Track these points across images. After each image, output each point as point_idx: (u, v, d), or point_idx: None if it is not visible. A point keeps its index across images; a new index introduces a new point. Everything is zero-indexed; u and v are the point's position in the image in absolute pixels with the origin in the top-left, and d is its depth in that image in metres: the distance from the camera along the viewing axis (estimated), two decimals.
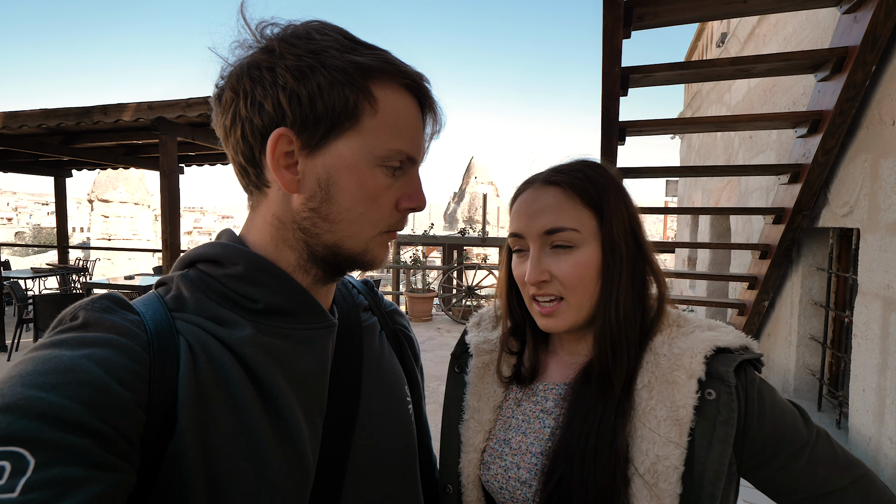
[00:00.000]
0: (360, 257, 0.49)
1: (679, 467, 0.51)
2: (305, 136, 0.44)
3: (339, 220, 0.47)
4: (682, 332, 0.59)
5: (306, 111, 0.43)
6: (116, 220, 22.03)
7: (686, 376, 0.54)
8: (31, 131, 4.34)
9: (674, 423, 0.53)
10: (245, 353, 0.44)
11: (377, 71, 0.45)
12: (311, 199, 0.46)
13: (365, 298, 0.65)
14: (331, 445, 0.49)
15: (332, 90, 0.43)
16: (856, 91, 1.86)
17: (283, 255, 0.49)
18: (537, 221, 0.60)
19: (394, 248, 8.04)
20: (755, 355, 0.56)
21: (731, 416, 0.52)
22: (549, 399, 0.65)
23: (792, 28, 2.79)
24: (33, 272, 7.34)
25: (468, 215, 28.63)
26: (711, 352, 0.54)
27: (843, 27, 1.89)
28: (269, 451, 0.43)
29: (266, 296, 0.47)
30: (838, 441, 0.58)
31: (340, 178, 0.45)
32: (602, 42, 1.85)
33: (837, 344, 2.31)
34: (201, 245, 0.50)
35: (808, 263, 2.44)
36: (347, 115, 0.44)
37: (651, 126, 2.23)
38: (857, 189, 1.94)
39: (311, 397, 0.48)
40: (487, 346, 0.71)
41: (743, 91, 3.72)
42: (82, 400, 0.34)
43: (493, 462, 0.63)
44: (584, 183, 0.61)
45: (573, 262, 0.59)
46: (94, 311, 0.40)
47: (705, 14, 1.92)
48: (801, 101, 2.53)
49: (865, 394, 1.82)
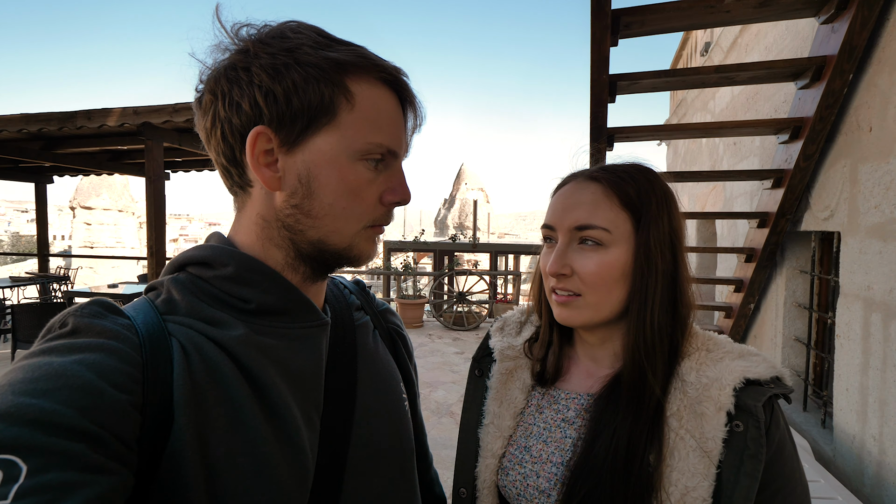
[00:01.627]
0: (345, 253, 0.49)
1: (707, 499, 0.50)
2: (283, 133, 0.45)
3: (322, 215, 0.47)
4: (712, 359, 0.57)
5: (283, 108, 0.44)
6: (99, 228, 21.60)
7: (715, 409, 0.52)
8: (11, 136, 4.24)
9: (702, 455, 0.51)
10: (239, 352, 0.44)
11: (352, 66, 0.45)
12: (292, 196, 0.46)
13: (357, 298, 0.65)
14: (329, 441, 0.49)
15: (307, 86, 0.44)
16: (834, 98, 1.92)
17: (270, 255, 0.49)
18: (570, 215, 0.60)
19: (384, 255, 8.02)
20: (786, 390, 0.54)
21: (759, 452, 0.50)
22: (570, 409, 0.63)
23: (773, 38, 2.87)
24: (11, 281, 7.15)
25: (459, 221, 28.69)
26: (741, 384, 0.53)
27: (822, 37, 1.96)
28: (268, 449, 0.42)
29: (258, 295, 0.47)
30: (824, 441, 0.59)
31: (320, 173, 0.46)
32: (590, 50, 1.88)
33: (821, 345, 2.35)
34: (191, 248, 0.50)
35: (792, 266, 2.50)
36: (324, 110, 0.44)
37: (639, 132, 2.27)
38: (837, 193, 2.00)
39: (307, 395, 0.48)
40: (511, 352, 0.70)
41: (727, 99, 3.81)
42: (74, 404, 0.33)
43: (513, 468, 0.63)
44: (627, 185, 0.59)
45: (598, 262, 0.58)
46: (83, 317, 0.40)
47: (690, 23, 1.97)
48: (783, 109, 2.60)
49: (849, 393, 1.86)
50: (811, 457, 1.63)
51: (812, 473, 1.45)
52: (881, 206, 1.70)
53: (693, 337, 0.59)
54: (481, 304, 7.29)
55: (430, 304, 7.20)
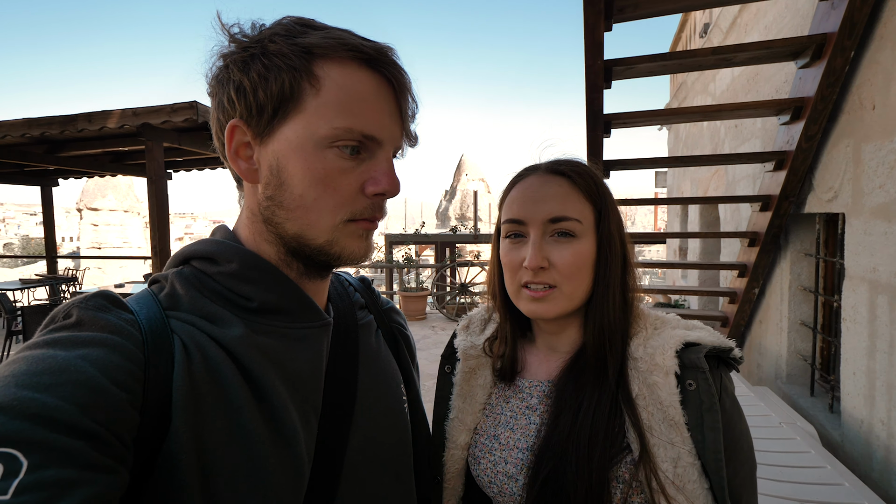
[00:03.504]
0: (326, 249, 0.47)
1: (695, 461, 0.52)
2: (254, 124, 0.45)
3: (294, 206, 0.46)
4: (657, 333, 0.60)
5: (250, 100, 0.44)
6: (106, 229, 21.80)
7: (663, 374, 0.54)
8: (15, 141, 4.28)
9: (671, 424, 0.53)
10: (239, 352, 0.44)
11: (319, 48, 0.44)
12: (266, 188, 0.46)
13: (362, 296, 0.64)
14: (326, 445, 0.49)
15: (269, 75, 0.43)
16: (836, 77, 1.87)
17: (263, 250, 0.49)
18: (543, 208, 0.61)
19: (386, 248, 8.03)
20: (725, 346, 0.56)
21: (713, 402, 0.52)
22: (533, 396, 0.66)
23: (772, 16, 2.81)
24: (22, 283, 7.24)
25: (460, 213, 28.62)
26: (680, 346, 0.55)
27: (822, 14, 1.91)
28: (264, 451, 0.42)
29: (260, 294, 0.47)
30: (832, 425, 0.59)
31: (288, 162, 0.45)
32: (584, 35, 1.85)
33: (828, 328, 2.33)
34: (196, 241, 0.50)
35: (796, 249, 2.46)
36: (286, 97, 0.44)
37: (635, 118, 2.24)
38: (840, 174, 1.96)
39: (305, 397, 0.48)
40: (474, 351, 0.72)
41: (727, 81, 3.74)
42: (77, 401, 0.33)
43: (483, 457, 0.65)
44: (588, 178, 0.62)
45: (573, 252, 0.60)
46: (88, 310, 0.40)
47: (685, 4, 1.93)
48: (784, 89, 2.54)
49: (856, 377, 1.84)
50: (818, 443, 1.61)
51: (818, 459, 1.44)
52: (886, 186, 1.67)
53: (640, 317, 0.63)
54: (483, 295, 7.27)
55: (433, 296, 7.21)
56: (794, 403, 2.30)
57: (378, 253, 7.97)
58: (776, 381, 2.59)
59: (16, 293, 7.18)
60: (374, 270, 11.31)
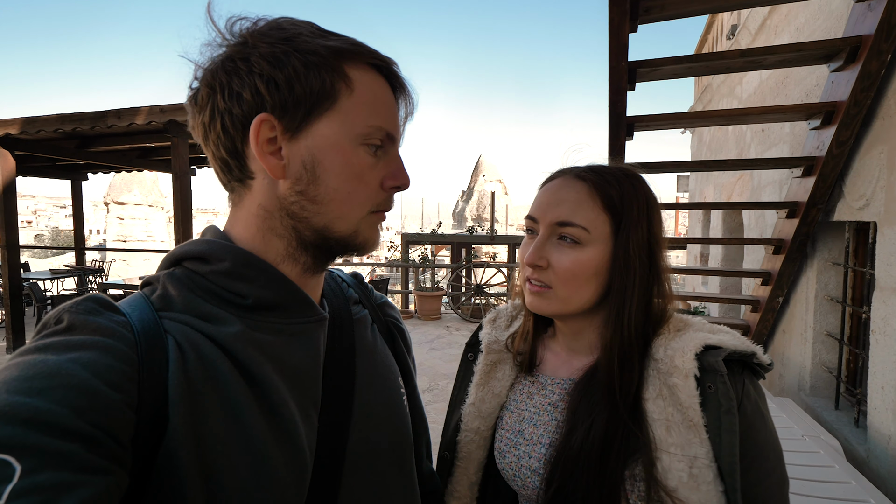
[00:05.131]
0: (351, 239, 0.50)
1: (711, 464, 0.52)
2: (286, 119, 0.45)
3: (328, 200, 0.47)
4: (679, 335, 0.59)
5: (285, 95, 0.44)
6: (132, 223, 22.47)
7: (682, 376, 0.54)
8: (48, 136, 4.43)
9: (690, 425, 0.53)
10: (236, 349, 0.44)
11: (349, 52, 0.46)
12: (297, 183, 0.46)
13: (355, 291, 0.65)
14: (327, 438, 0.49)
15: (308, 72, 0.44)
16: (871, 81, 1.81)
17: (271, 246, 0.49)
18: (553, 211, 0.62)
19: (403, 247, 8.06)
20: (746, 351, 0.55)
21: (731, 406, 0.52)
22: (555, 393, 0.68)
23: (804, 18, 2.73)
24: (52, 274, 7.50)
25: (477, 213, 28.56)
26: (700, 349, 0.55)
27: (857, 16, 1.85)
28: (265, 446, 0.42)
29: (254, 291, 0.47)
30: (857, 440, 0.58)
31: (325, 158, 0.46)
32: (608, 36, 1.83)
33: (855, 340, 2.25)
34: (186, 242, 0.50)
35: (824, 258, 2.39)
36: (325, 95, 0.45)
37: (659, 121, 2.20)
38: (873, 181, 1.89)
39: (304, 391, 0.48)
40: (497, 345, 0.74)
41: (755, 83, 3.65)
42: (69, 404, 0.33)
43: (509, 451, 0.67)
44: (611, 188, 0.61)
45: (573, 258, 0.61)
46: (78, 314, 0.40)
47: (714, 5, 1.89)
48: (815, 93, 2.47)
49: (884, 391, 1.78)
50: (842, 457, 1.56)
51: (842, 475, 1.40)
52: None
53: (667, 323, 0.62)
54: (499, 297, 7.26)
55: (448, 297, 7.21)
56: (817, 416, 2.24)
57: (395, 252, 8.00)
58: (799, 393, 2.51)
59: (46, 283, 7.45)
60: (390, 269, 11.39)
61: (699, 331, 0.59)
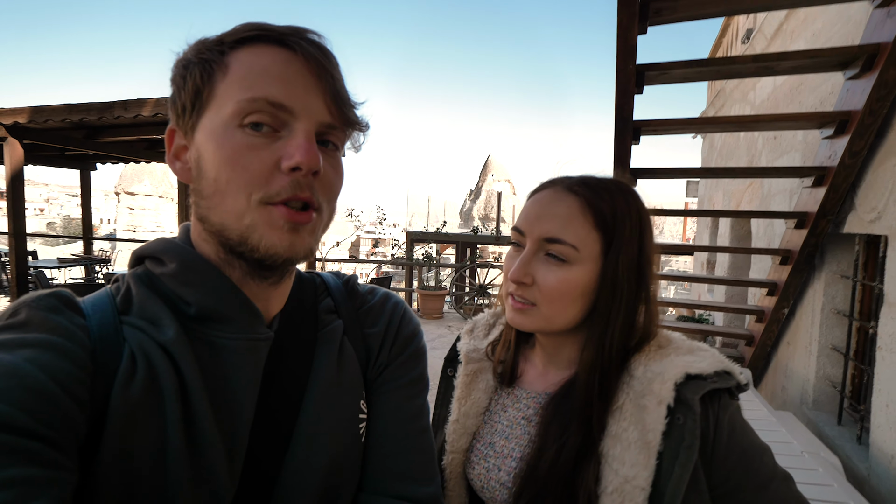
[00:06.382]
0: (245, 238, 0.43)
1: (646, 489, 0.51)
2: (181, 125, 0.46)
3: (210, 193, 0.44)
4: (661, 355, 0.57)
5: (177, 104, 0.46)
6: (141, 213, 22.71)
7: (656, 402, 0.53)
8: (56, 125, 4.47)
9: (643, 446, 0.52)
10: (183, 366, 0.42)
11: (229, 36, 0.45)
12: (194, 182, 0.46)
13: (333, 299, 0.59)
14: (255, 470, 0.46)
15: (187, 73, 0.44)
16: (887, 90, 1.76)
17: (203, 250, 0.47)
18: (541, 225, 0.59)
19: (407, 245, 8.05)
20: (728, 384, 0.54)
21: (693, 442, 0.51)
22: (530, 407, 0.66)
23: (821, 23, 2.66)
24: (59, 262, 7.58)
25: (484, 213, 28.49)
26: (682, 378, 0.53)
27: (876, 22, 1.79)
28: (182, 471, 0.40)
29: (198, 298, 0.45)
30: (859, 458, 0.55)
31: (205, 150, 0.44)
32: (616, 38, 1.79)
33: (861, 355, 2.20)
34: (151, 240, 0.49)
35: (832, 271, 2.34)
36: (199, 90, 0.44)
37: (667, 125, 2.16)
38: (886, 194, 1.84)
39: (235, 416, 0.45)
40: (476, 354, 0.72)
41: (768, 89, 3.58)
42: (26, 407, 0.33)
43: (479, 463, 0.66)
44: (604, 204, 0.58)
45: (560, 277, 0.58)
46: (38, 310, 0.39)
47: (727, 8, 1.84)
48: (830, 101, 2.41)
49: (889, 409, 1.73)
50: (842, 476, 1.52)
51: (841, 494, 1.36)
52: None
53: (649, 340, 0.60)
54: None
55: (451, 296, 7.19)
56: (819, 431, 2.19)
57: (399, 250, 7.99)
58: (801, 407, 2.46)
59: (53, 271, 7.53)
60: (394, 267, 11.39)
61: (681, 353, 0.57)
